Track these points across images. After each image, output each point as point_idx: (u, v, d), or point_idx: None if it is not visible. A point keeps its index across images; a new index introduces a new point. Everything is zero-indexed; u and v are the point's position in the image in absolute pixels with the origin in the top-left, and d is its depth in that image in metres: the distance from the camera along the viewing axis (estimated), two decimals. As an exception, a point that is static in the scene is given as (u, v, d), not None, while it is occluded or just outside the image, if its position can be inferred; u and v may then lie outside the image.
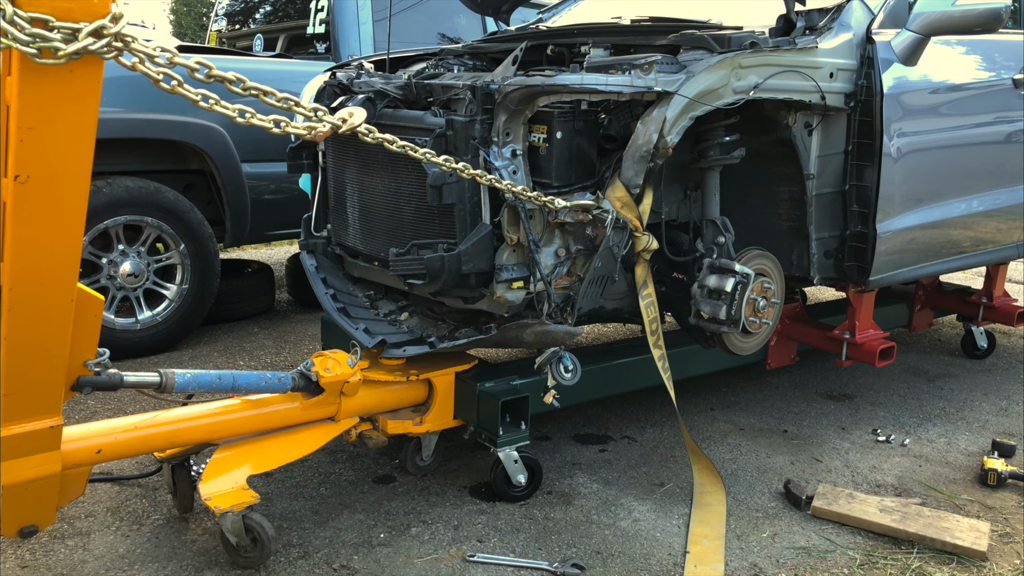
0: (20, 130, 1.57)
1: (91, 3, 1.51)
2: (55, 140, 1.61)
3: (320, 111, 1.94)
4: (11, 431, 1.95)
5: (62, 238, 1.74)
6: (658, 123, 2.39)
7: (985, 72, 3.40)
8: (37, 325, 1.83)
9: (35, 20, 1.46)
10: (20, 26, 1.45)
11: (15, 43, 1.45)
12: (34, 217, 1.68)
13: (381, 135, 2.09)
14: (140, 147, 4.11)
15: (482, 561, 2.44)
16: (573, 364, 2.63)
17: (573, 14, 4.04)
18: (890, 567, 2.48)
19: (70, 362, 2.00)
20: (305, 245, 3.27)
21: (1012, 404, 3.84)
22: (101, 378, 2.14)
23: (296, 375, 2.55)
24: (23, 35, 1.45)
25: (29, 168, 1.61)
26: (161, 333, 4.14)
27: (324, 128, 1.94)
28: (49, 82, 1.54)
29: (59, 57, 1.49)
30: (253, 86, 1.78)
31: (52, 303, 1.82)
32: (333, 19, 4.74)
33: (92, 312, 2.00)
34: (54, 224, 1.71)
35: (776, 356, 3.49)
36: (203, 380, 2.36)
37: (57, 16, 1.48)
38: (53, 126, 1.59)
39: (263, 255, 6.94)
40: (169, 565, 2.39)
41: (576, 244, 2.57)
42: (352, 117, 2.02)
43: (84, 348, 2.05)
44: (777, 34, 2.79)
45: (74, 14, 1.49)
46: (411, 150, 2.18)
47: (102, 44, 1.52)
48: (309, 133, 1.92)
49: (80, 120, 1.62)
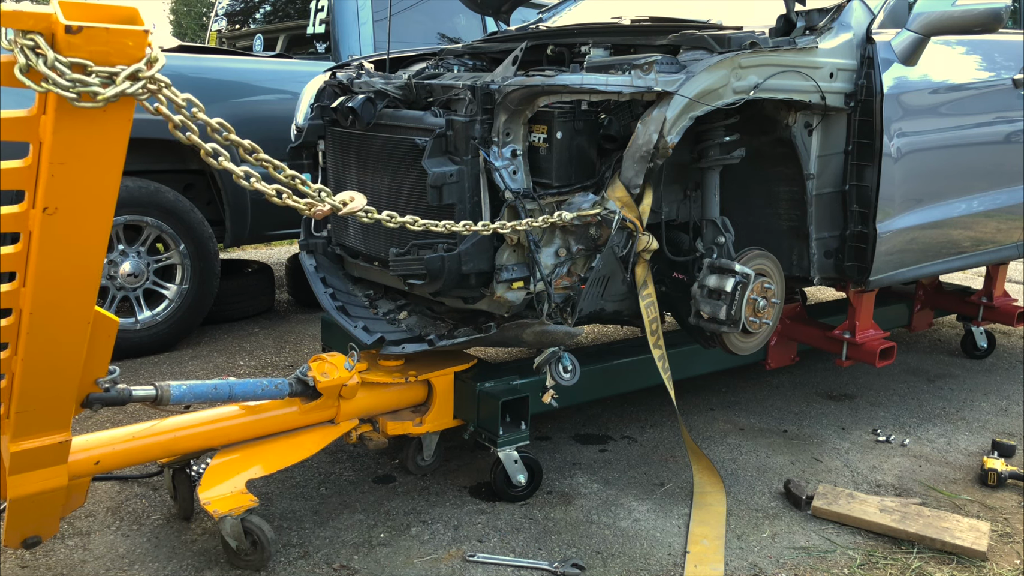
0: (52, 165, 1.59)
1: (127, 46, 1.52)
2: (84, 175, 1.64)
3: (324, 191, 1.98)
4: (21, 447, 1.98)
5: (83, 266, 1.78)
6: (658, 123, 2.39)
7: (985, 72, 3.40)
8: (54, 347, 1.86)
9: (75, 65, 1.47)
10: (60, 71, 1.46)
11: (56, 87, 1.47)
12: (59, 246, 1.71)
13: (378, 215, 2.11)
14: (140, 147, 4.10)
15: (482, 561, 2.44)
16: (572, 364, 2.63)
17: (573, 14, 4.04)
18: (890, 567, 2.48)
19: (82, 380, 2.03)
20: (305, 245, 3.27)
21: (1012, 404, 3.84)
22: (110, 394, 2.16)
23: (293, 381, 2.54)
24: (63, 80, 1.47)
25: (58, 201, 1.64)
26: (161, 333, 4.14)
27: (324, 208, 1.99)
28: (83, 122, 1.56)
29: (97, 101, 1.51)
30: (264, 159, 1.82)
31: (70, 327, 1.85)
32: (333, 19, 4.74)
33: (106, 333, 2.03)
34: (77, 253, 1.75)
35: (776, 356, 3.49)
36: (199, 391, 2.36)
37: (96, 61, 1.49)
38: (84, 161, 1.62)
39: (263, 255, 6.94)
40: (169, 565, 2.39)
41: (577, 244, 2.57)
42: (353, 201, 2.06)
43: (96, 367, 2.08)
44: (777, 34, 2.79)
45: (112, 58, 1.50)
46: (432, 226, 2.20)
47: (138, 87, 1.54)
48: (308, 210, 1.95)
49: (109, 155, 1.65)
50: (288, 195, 1.89)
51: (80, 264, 1.77)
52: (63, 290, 1.78)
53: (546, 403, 2.68)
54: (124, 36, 1.51)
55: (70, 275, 1.77)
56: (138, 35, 1.52)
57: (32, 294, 1.76)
